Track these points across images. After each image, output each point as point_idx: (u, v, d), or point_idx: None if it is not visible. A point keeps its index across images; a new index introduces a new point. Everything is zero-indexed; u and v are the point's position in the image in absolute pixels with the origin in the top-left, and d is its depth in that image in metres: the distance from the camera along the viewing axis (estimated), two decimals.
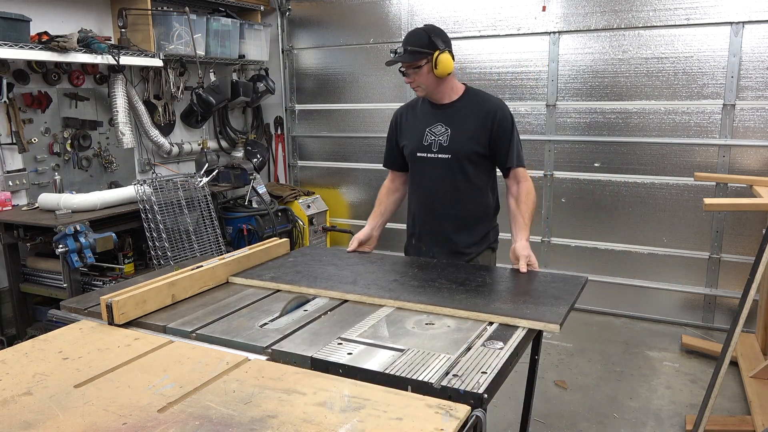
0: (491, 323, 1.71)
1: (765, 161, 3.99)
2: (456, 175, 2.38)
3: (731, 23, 3.91)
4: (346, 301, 1.93)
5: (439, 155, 2.38)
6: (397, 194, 2.65)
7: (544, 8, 4.42)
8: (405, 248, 2.66)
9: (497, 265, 2.44)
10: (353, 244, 2.51)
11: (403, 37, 2.35)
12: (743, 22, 3.88)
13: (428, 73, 2.30)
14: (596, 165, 4.49)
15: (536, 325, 1.68)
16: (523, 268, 2.17)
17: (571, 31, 4.39)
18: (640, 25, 4.16)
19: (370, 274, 2.16)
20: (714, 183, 4.11)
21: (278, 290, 2.05)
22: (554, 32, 4.43)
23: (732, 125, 4.03)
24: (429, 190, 2.45)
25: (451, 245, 2.45)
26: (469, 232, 2.44)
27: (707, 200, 2.92)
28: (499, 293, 1.99)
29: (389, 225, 2.66)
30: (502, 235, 2.57)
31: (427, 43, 2.27)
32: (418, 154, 2.43)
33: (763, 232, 2.72)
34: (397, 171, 2.62)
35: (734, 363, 3.50)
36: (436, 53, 2.27)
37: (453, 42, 2.46)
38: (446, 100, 2.41)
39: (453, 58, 2.31)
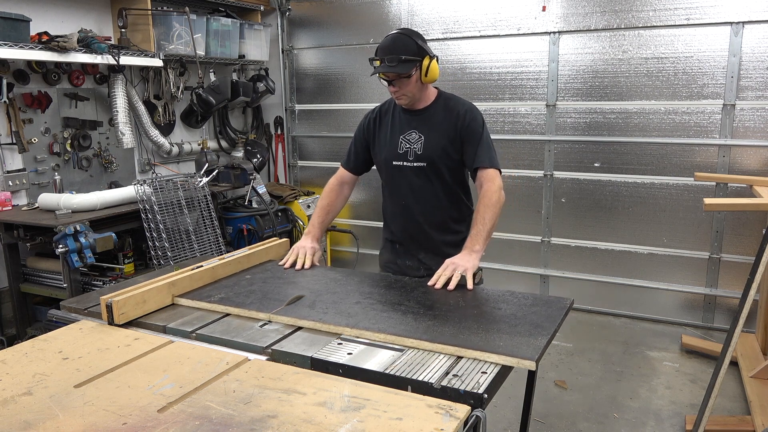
0: (459, 357, 1.50)
1: (765, 161, 3.99)
2: (433, 183, 2.32)
3: (731, 23, 3.91)
4: (300, 328, 1.72)
5: (415, 163, 2.30)
6: (343, 198, 2.52)
7: (544, 8, 4.42)
8: (380, 251, 2.58)
9: (477, 284, 2.12)
10: (291, 259, 2.30)
11: (382, 46, 2.19)
12: (743, 22, 3.88)
13: (416, 82, 2.21)
14: (596, 165, 4.49)
15: (508, 361, 1.46)
16: (438, 284, 1.96)
17: (571, 31, 4.39)
18: (640, 25, 4.16)
19: (331, 295, 1.94)
20: (714, 183, 4.11)
21: (227, 314, 1.84)
22: (554, 32, 4.43)
23: (732, 125, 4.03)
24: (406, 197, 2.38)
25: (433, 248, 2.37)
26: (452, 234, 2.39)
27: (707, 200, 2.92)
28: (471, 319, 1.71)
29: (374, 224, 2.60)
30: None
31: (416, 50, 2.17)
32: (394, 163, 2.35)
33: (763, 232, 2.71)
34: (353, 173, 2.52)
35: (734, 363, 3.50)
36: (426, 60, 2.18)
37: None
38: (421, 106, 2.32)
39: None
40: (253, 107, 5.63)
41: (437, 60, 2.21)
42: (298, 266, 2.25)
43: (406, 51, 2.15)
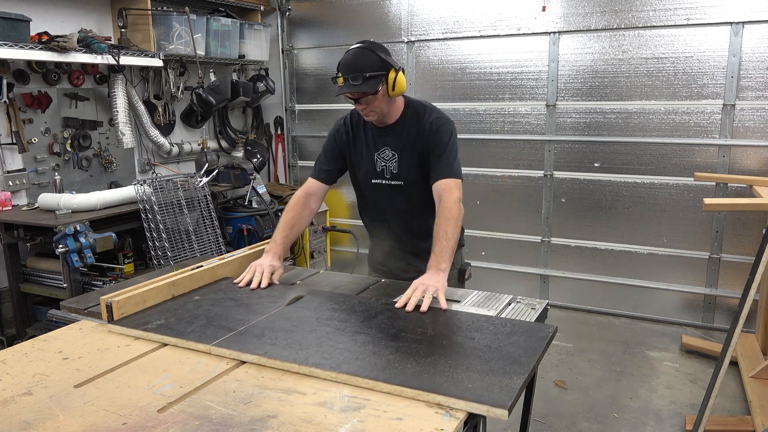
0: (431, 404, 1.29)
1: (765, 161, 3.99)
2: (411, 199, 2.26)
3: (731, 23, 3.91)
4: (243, 362, 1.51)
5: (393, 182, 2.25)
6: (309, 212, 2.32)
7: (544, 8, 4.42)
8: (369, 252, 2.56)
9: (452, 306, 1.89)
10: (246, 277, 2.07)
11: (344, 63, 2.08)
12: (743, 22, 3.87)
13: (383, 97, 2.09)
14: (596, 165, 4.49)
15: (477, 408, 1.25)
16: (409, 307, 1.77)
17: (571, 31, 4.38)
18: (640, 25, 4.16)
19: (285, 322, 1.71)
20: (714, 183, 4.11)
21: (165, 344, 1.63)
22: (554, 32, 4.43)
23: (732, 125, 4.02)
24: (385, 212, 2.34)
25: (421, 252, 2.28)
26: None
27: (707, 200, 2.92)
28: (438, 353, 1.49)
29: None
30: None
31: (380, 64, 2.05)
32: (373, 181, 2.28)
33: (763, 232, 2.71)
34: (324, 183, 2.35)
35: (734, 363, 3.50)
36: (392, 74, 2.06)
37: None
38: (391, 120, 2.22)
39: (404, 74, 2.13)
40: (253, 107, 5.63)
41: (403, 71, 2.11)
42: (254, 285, 2.03)
43: (370, 67, 2.03)
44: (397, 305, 1.80)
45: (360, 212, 2.49)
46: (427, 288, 1.83)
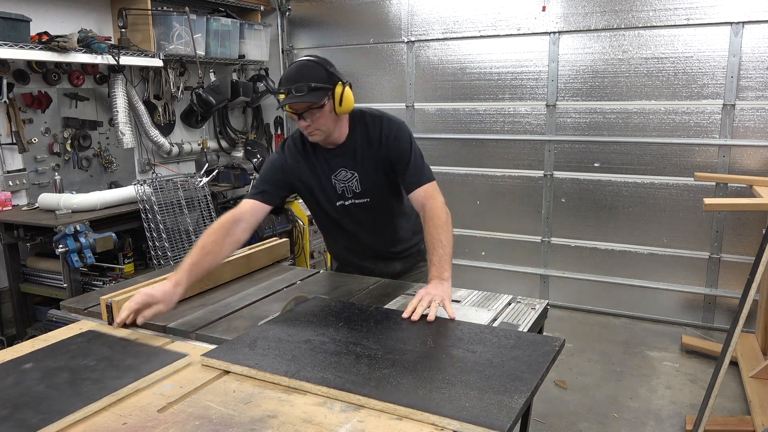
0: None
1: (765, 161, 3.99)
2: (378, 213, 2.17)
3: (731, 23, 3.91)
4: (227, 372, 1.45)
5: (356, 201, 2.13)
6: (233, 241, 1.97)
7: (544, 8, 4.42)
8: (335, 255, 2.46)
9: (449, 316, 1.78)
10: (125, 312, 1.72)
11: (287, 75, 1.94)
12: (743, 22, 3.88)
13: (329, 113, 1.95)
14: (596, 165, 4.49)
15: (472, 430, 1.16)
16: (415, 316, 1.69)
17: (571, 31, 4.39)
18: (640, 25, 4.16)
19: (279, 330, 1.63)
20: (714, 183, 4.11)
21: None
22: (554, 32, 4.43)
23: (732, 125, 4.03)
24: (354, 232, 2.23)
25: (390, 256, 2.30)
26: (406, 242, 2.32)
27: (707, 200, 2.92)
28: (436, 367, 1.41)
29: None
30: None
31: (326, 77, 1.92)
32: (338, 204, 2.14)
33: (763, 232, 2.71)
34: (267, 204, 2.07)
35: (734, 363, 3.50)
36: (339, 88, 1.93)
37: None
38: (341, 140, 2.07)
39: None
40: (253, 107, 5.63)
41: (350, 86, 1.97)
42: (117, 322, 1.73)
43: (315, 78, 1.89)
44: (404, 315, 1.72)
45: (325, 237, 2.38)
46: (433, 298, 1.75)
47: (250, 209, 2.04)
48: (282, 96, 1.93)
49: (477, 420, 1.18)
